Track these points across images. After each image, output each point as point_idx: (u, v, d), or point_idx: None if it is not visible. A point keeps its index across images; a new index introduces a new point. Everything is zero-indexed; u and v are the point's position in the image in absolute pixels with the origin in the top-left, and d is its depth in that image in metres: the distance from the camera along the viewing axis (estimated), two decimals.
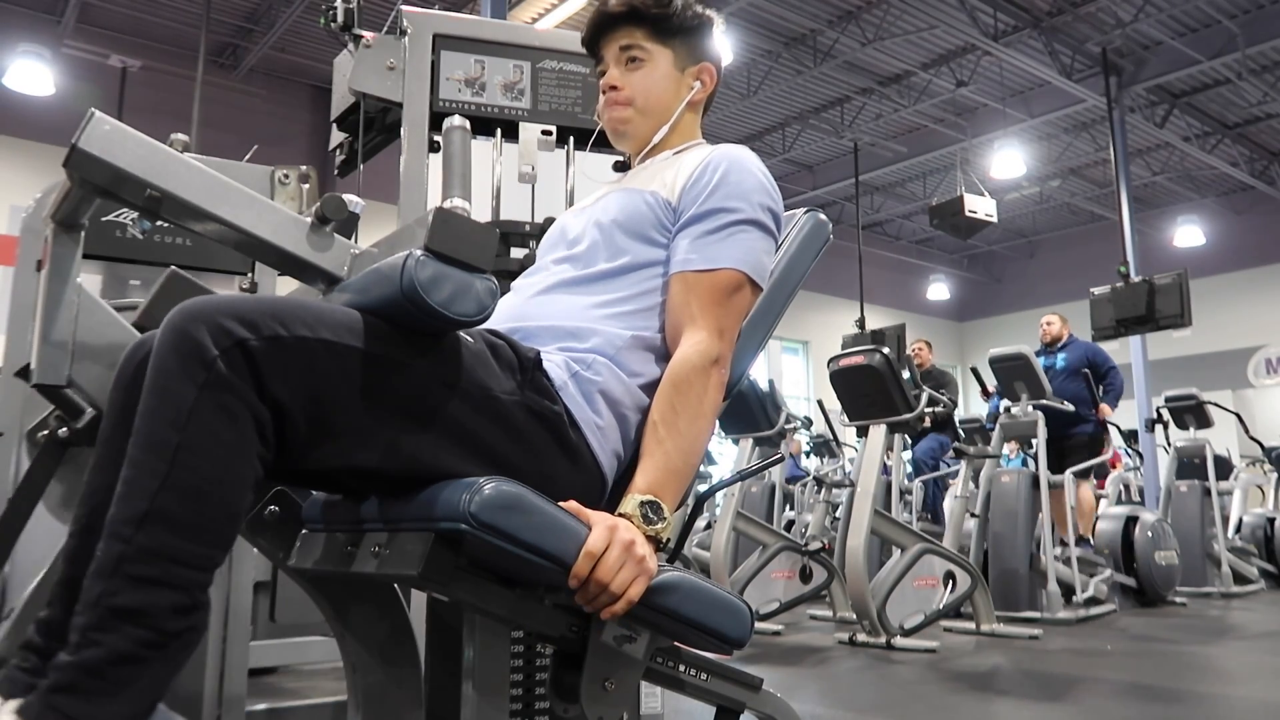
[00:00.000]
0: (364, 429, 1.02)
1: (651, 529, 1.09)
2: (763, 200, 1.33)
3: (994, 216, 11.22)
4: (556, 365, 1.19)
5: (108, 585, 0.89)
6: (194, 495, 0.92)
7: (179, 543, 0.91)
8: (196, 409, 0.93)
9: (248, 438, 0.95)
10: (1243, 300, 15.37)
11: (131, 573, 0.89)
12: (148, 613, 0.89)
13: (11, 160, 9.41)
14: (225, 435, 0.93)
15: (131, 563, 0.90)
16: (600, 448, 1.19)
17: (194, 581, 0.93)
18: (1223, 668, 3.65)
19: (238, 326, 0.95)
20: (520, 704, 1.53)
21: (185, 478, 0.92)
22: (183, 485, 0.92)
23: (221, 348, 0.94)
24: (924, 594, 4.14)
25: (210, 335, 0.94)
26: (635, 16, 1.43)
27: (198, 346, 0.93)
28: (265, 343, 0.95)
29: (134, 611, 0.89)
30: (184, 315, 0.96)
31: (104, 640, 0.88)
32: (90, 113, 1.15)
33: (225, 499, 0.94)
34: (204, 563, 0.93)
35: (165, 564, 0.91)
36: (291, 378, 0.97)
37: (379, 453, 1.03)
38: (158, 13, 10.22)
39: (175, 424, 0.93)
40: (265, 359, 0.95)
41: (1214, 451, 6.78)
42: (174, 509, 0.91)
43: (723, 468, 9.04)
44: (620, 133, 1.47)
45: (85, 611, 0.90)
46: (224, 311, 0.96)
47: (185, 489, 0.92)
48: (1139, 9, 10.34)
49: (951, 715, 2.74)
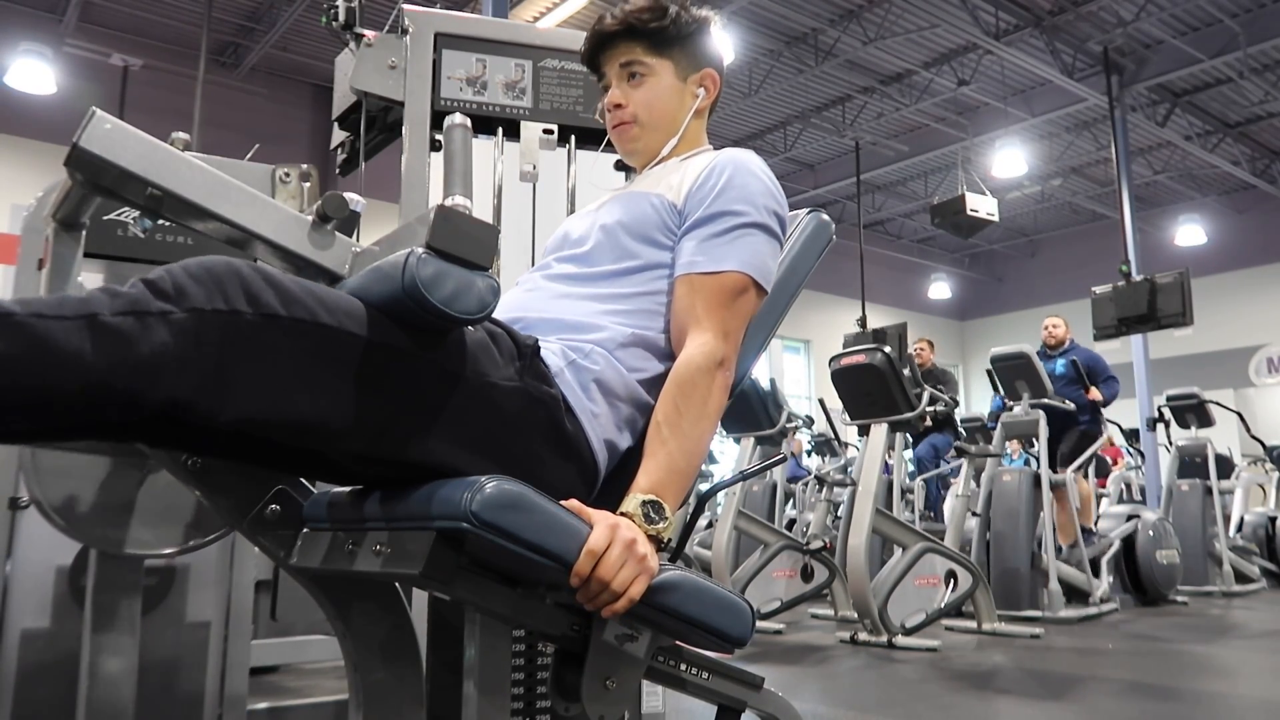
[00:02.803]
0: (355, 414, 1.02)
1: (653, 528, 1.09)
2: (768, 204, 1.33)
3: (995, 215, 11.23)
4: (554, 353, 1.20)
5: None
6: (37, 352, 0.85)
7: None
8: (132, 318, 0.88)
9: (122, 381, 0.87)
10: (1244, 299, 15.37)
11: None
12: None
13: (13, 159, 9.42)
14: (120, 355, 0.87)
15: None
16: (595, 436, 1.19)
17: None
18: (1224, 666, 3.65)
19: (239, 296, 0.94)
20: (522, 703, 1.53)
21: (56, 338, 0.85)
22: (47, 339, 0.85)
23: (214, 306, 0.93)
24: (925, 593, 4.14)
25: (206, 294, 0.93)
26: (632, 32, 1.42)
27: (185, 293, 0.92)
28: (260, 319, 0.95)
29: None
30: (201, 261, 0.95)
31: None
32: (91, 111, 1.14)
33: (49, 387, 0.86)
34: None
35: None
36: (281, 358, 0.96)
37: (370, 436, 1.03)
38: (159, 12, 10.23)
39: (113, 308, 0.88)
40: (255, 334, 0.94)
41: (1215, 450, 6.79)
42: (14, 347, 0.84)
43: (724, 467, 9.05)
44: (630, 150, 1.47)
45: None
46: (242, 271, 0.96)
47: (42, 343, 0.85)
48: (1140, 8, 10.34)
49: (953, 714, 2.74)
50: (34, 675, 1.88)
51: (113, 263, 2.01)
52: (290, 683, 3.13)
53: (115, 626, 1.52)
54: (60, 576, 1.94)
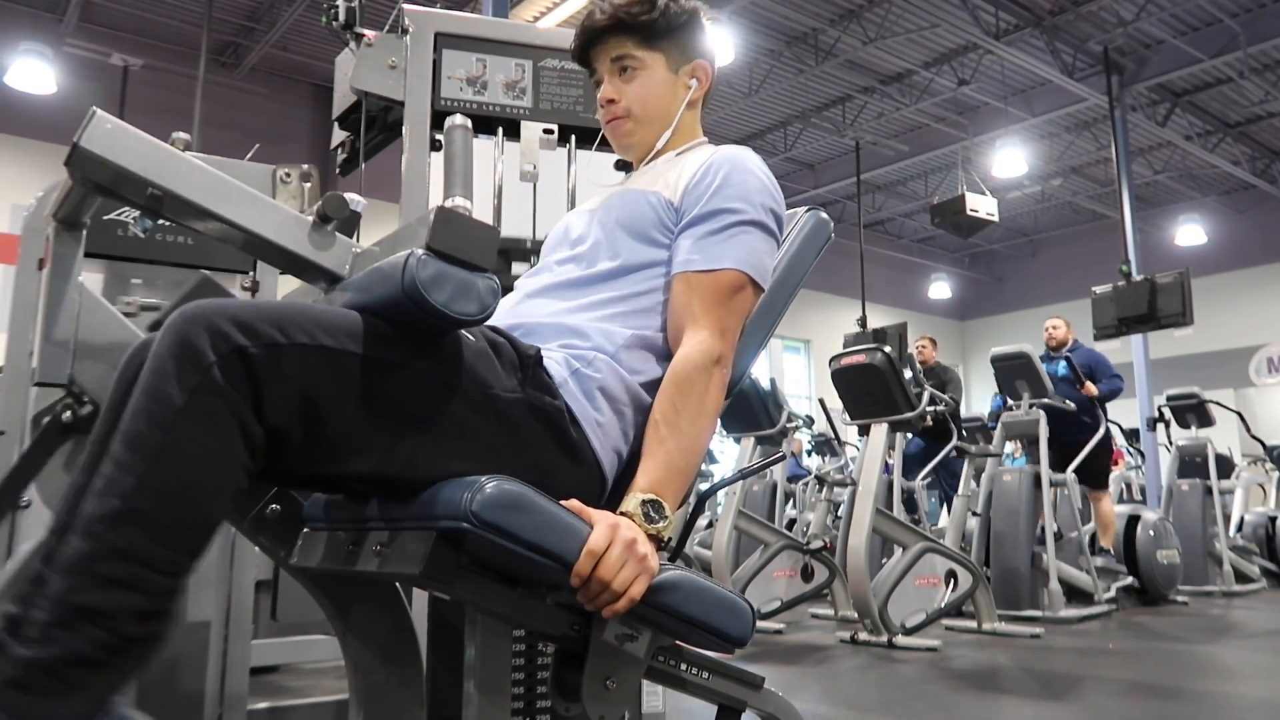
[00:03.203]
0: (363, 434, 1.02)
1: (653, 527, 1.09)
2: (764, 201, 1.33)
3: (995, 215, 11.22)
4: (556, 362, 1.19)
5: (74, 582, 0.88)
6: (171, 499, 0.91)
7: (151, 545, 0.89)
8: (184, 412, 0.91)
9: (233, 448, 0.93)
10: (1244, 299, 15.36)
11: (99, 571, 0.88)
12: (111, 614, 0.87)
13: (13, 159, 9.41)
14: (210, 442, 0.92)
15: (100, 561, 0.88)
16: (600, 445, 1.19)
17: (161, 588, 0.91)
18: (1224, 666, 3.65)
19: (236, 333, 0.94)
20: (522, 702, 1.53)
21: (164, 480, 0.91)
22: (160, 487, 0.90)
23: (219, 353, 0.93)
24: (925, 593, 4.14)
25: (209, 340, 0.93)
26: (622, 26, 1.42)
27: (195, 351, 0.93)
28: (264, 350, 0.95)
29: (97, 612, 0.87)
30: (184, 318, 0.95)
31: (63, 639, 0.86)
32: (92, 111, 1.15)
33: (202, 506, 0.93)
34: (173, 568, 0.91)
35: (134, 566, 0.89)
36: (289, 385, 0.97)
37: (378, 458, 1.03)
38: (159, 11, 10.22)
39: (162, 424, 0.91)
40: (263, 366, 0.95)
41: (1215, 450, 6.78)
42: (149, 510, 0.90)
43: (724, 466, 9.05)
44: (625, 145, 1.47)
45: (47, 607, 0.87)
46: (224, 316, 0.95)
47: (162, 491, 0.90)
48: (1141, 8, 10.33)
49: (953, 714, 2.74)
50: None
51: (113, 262, 2.01)
52: (290, 682, 3.13)
53: None
54: None
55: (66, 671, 0.86)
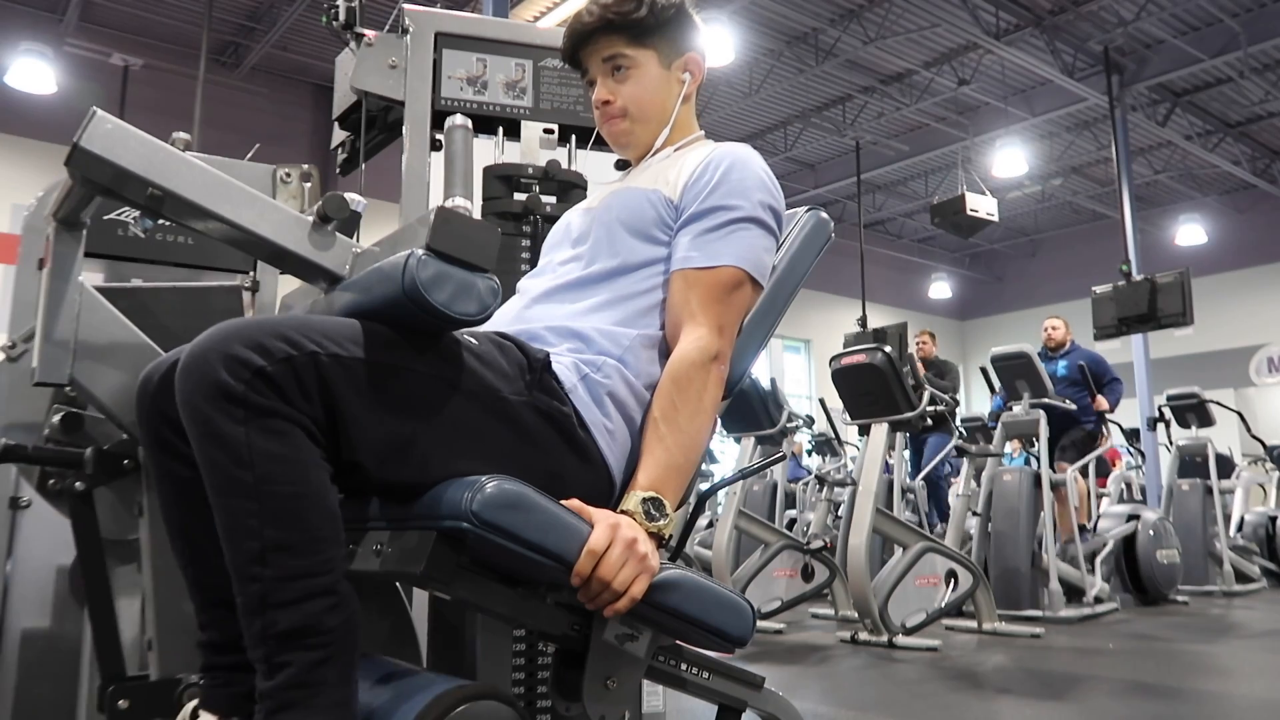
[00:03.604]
0: (376, 438, 1.03)
1: (654, 526, 1.09)
2: (764, 198, 1.33)
3: (995, 215, 11.22)
4: (565, 368, 1.19)
5: (265, 619, 0.96)
6: (291, 517, 0.97)
7: (301, 561, 0.97)
8: (251, 443, 0.95)
9: (306, 447, 0.98)
10: (1244, 299, 15.36)
11: (277, 601, 0.96)
12: (309, 625, 0.97)
13: (13, 159, 9.41)
14: (288, 454, 0.97)
15: (273, 594, 0.96)
16: (609, 450, 1.19)
17: (325, 585, 0.98)
18: (1224, 666, 3.65)
19: (252, 355, 0.96)
20: (522, 702, 1.53)
21: (276, 505, 0.96)
22: (278, 512, 0.96)
23: (243, 380, 0.95)
24: (926, 592, 4.14)
25: (229, 372, 0.95)
26: (611, 26, 1.40)
27: (222, 387, 0.95)
28: (279, 366, 0.97)
29: (297, 630, 0.96)
30: (196, 360, 0.97)
31: (289, 659, 0.96)
32: (92, 111, 1.15)
33: (317, 506, 0.99)
34: (328, 565, 0.99)
35: (300, 582, 0.97)
36: (308, 394, 0.98)
37: (392, 460, 1.04)
38: (160, 11, 10.22)
39: (242, 464, 0.95)
40: (284, 380, 0.97)
41: (1216, 450, 6.78)
42: (282, 536, 0.96)
43: (725, 466, 9.05)
44: (623, 145, 1.47)
45: (257, 646, 0.97)
46: (232, 342, 0.96)
47: (281, 515, 0.97)
48: (1141, 7, 10.33)
49: (953, 714, 2.74)
50: (34, 675, 1.88)
51: (114, 262, 2.01)
52: None
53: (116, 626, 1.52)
54: (60, 576, 1.93)
55: (309, 676, 0.96)
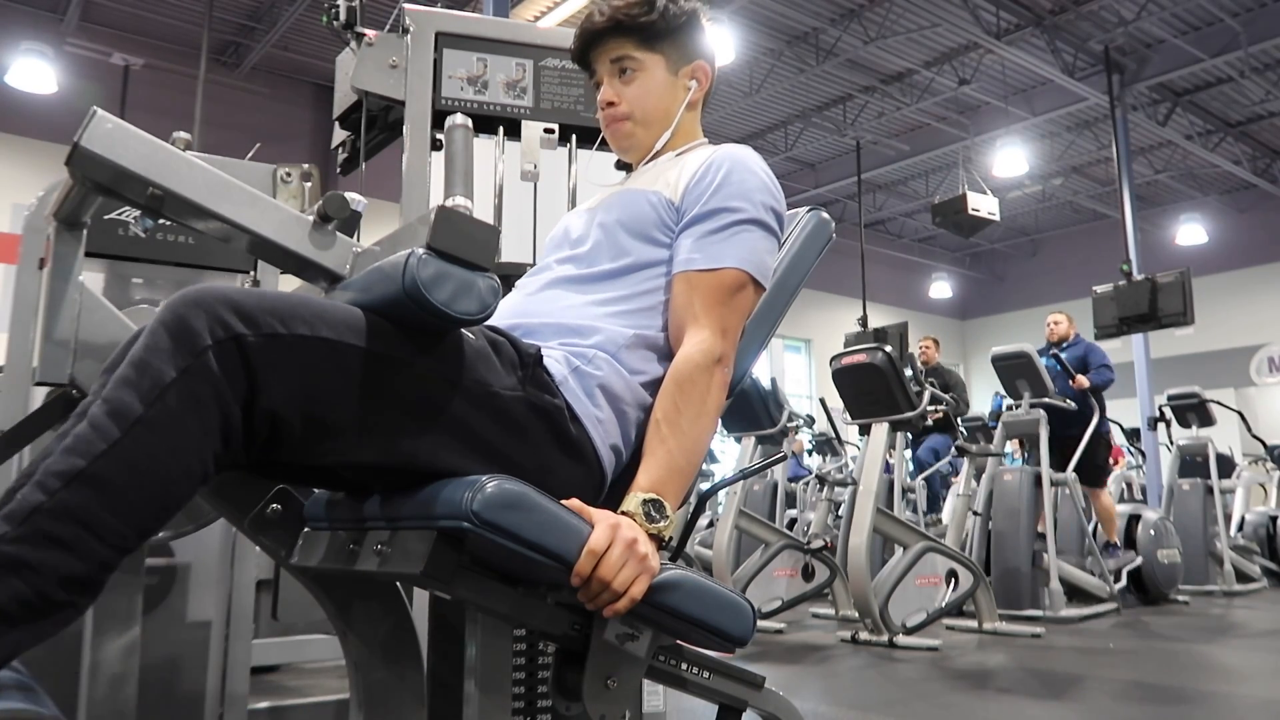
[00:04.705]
0: (362, 427, 1.02)
1: (654, 527, 1.09)
2: (765, 200, 1.33)
3: (996, 214, 11.22)
4: (556, 361, 1.19)
5: (12, 530, 0.86)
6: (137, 471, 0.90)
7: (101, 513, 0.88)
8: (171, 389, 0.92)
9: (209, 433, 0.93)
10: (1245, 298, 15.36)
11: (41, 525, 0.86)
12: (39, 571, 0.85)
13: (14, 158, 9.41)
14: (189, 424, 0.92)
15: (45, 516, 0.86)
16: (600, 441, 1.19)
17: (99, 558, 0.88)
18: (1225, 666, 3.65)
19: (236, 320, 0.95)
20: (522, 702, 1.53)
21: (134, 451, 0.90)
22: (129, 458, 0.90)
23: (216, 339, 0.94)
24: (926, 592, 4.14)
25: (207, 325, 0.94)
26: (621, 28, 1.41)
27: (192, 332, 0.93)
28: (262, 339, 0.95)
29: (25, 565, 0.85)
30: (184, 300, 0.96)
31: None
32: (92, 111, 1.14)
33: (166, 486, 0.92)
34: (118, 541, 0.89)
35: (78, 529, 0.87)
36: (289, 376, 0.97)
37: (376, 450, 1.04)
38: (160, 11, 10.22)
39: (145, 397, 0.91)
40: (261, 355, 0.95)
41: (1216, 450, 6.78)
42: (112, 478, 0.89)
43: (725, 466, 9.05)
44: (624, 147, 1.47)
45: None
46: (224, 303, 0.95)
47: (131, 462, 0.90)
48: (1141, 7, 10.33)
49: (954, 713, 2.74)
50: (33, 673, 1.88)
51: (114, 262, 2.01)
52: (291, 682, 3.13)
53: (116, 626, 1.52)
54: None
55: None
